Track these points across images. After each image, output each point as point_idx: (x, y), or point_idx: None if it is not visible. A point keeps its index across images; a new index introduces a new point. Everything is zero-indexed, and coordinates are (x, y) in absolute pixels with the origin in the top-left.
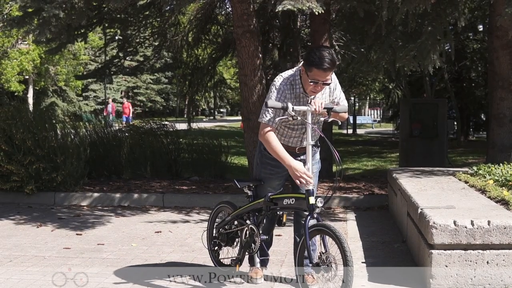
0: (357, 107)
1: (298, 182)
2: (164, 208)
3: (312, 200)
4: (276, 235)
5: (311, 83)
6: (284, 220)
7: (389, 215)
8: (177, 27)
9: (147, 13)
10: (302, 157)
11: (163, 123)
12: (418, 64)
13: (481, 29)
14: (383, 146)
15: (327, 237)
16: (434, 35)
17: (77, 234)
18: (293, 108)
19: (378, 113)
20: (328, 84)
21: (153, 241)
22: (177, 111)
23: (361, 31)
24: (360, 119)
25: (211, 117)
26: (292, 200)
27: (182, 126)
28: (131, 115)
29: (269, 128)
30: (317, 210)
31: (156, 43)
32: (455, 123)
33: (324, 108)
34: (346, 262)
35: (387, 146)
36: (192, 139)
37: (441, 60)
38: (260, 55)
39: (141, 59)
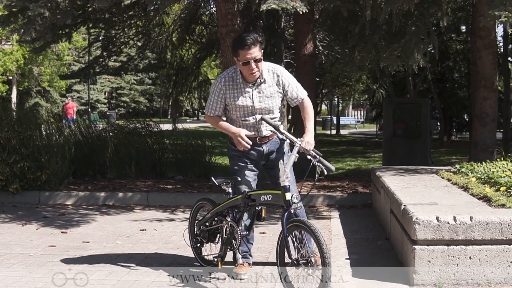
0: (340, 108)
1: (239, 147)
2: (149, 207)
3: (288, 196)
4: (260, 233)
5: (245, 66)
6: (263, 215)
7: (373, 213)
8: (161, 27)
9: (131, 13)
10: (264, 146)
11: (147, 123)
12: (402, 63)
13: (464, 30)
14: (366, 147)
15: (306, 232)
16: (417, 34)
17: (62, 232)
18: (283, 132)
19: (362, 114)
20: (259, 60)
21: (138, 239)
22: (161, 112)
23: (345, 31)
24: (343, 120)
25: (195, 118)
26: (269, 197)
27: (166, 126)
28: (74, 116)
29: (211, 116)
30: (294, 206)
31: (140, 43)
32: (438, 123)
33: (312, 150)
34: (323, 256)
35: (371, 146)
36: (176, 139)
37: (425, 59)
38: None
39: (125, 59)
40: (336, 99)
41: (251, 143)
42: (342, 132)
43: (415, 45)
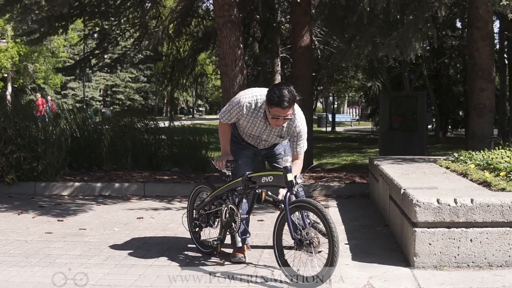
0: (335, 105)
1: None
2: (146, 197)
3: (290, 176)
4: (258, 220)
5: (273, 119)
6: (263, 197)
7: (370, 203)
8: (158, 19)
9: (128, 4)
10: (263, 150)
11: (144, 115)
12: (400, 52)
13: (459, 26)
14: (362, 143)
15: (308, 212)
16: (415, 24)
17: (58, 220)
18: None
19: (357, 111)
20: (289, 119)
21: (135, 226)
22: (156, 110)
23: (342, 21)
24: (338, 117)
25: (190, 116)
26: (270, 178)
27: (161, 124)
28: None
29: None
30: (296, 187)
31: (137, 35)
32: (434, 120)
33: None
34: (331, 233)
35: (366, 143)
36: (172, 135)
37: (423, 48)
38: (241, 45)
39: (121, 52)
40: (331, 96)
41: (224, 168)
42: (338, 129)
43: (413, 35)
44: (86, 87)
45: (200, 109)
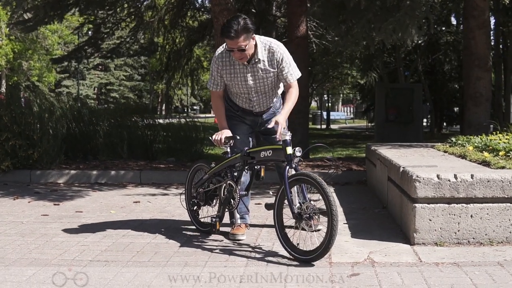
0: (330, 103)
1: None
2: (142, 184)
3: (289, 150)
4: (256, 204)
5: (230, 52)
6: (262, 174)
7: (368, 189)
8: (153, 10)
9: None
10: (259, 118)
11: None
12: (397, 37)
13: (454, 23)
14: (357, 139)
15: (307, 186)
16: (412, 9)
17: (54, 204)
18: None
19: (351, 110)
20: (244, 50)
21: (132, 209)
22: (150, 108)
23: (338, 11)
24: (333, 115)
25: (184, 114)
26: (269, 152)
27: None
28: None
29: (216, 94)
30: (296, 160)
31: (132, 25)
32: (429, 116)
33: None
34: (330, 206)
35: (361, 139)
36: (168, 130)
37: (420, 33)
38: None
39: (118, 42)
40: (326, 94)
41: (222, 144)
42: (332, 126)
43: (410, 20)
44: (80, 85)
45: (195, 107)
